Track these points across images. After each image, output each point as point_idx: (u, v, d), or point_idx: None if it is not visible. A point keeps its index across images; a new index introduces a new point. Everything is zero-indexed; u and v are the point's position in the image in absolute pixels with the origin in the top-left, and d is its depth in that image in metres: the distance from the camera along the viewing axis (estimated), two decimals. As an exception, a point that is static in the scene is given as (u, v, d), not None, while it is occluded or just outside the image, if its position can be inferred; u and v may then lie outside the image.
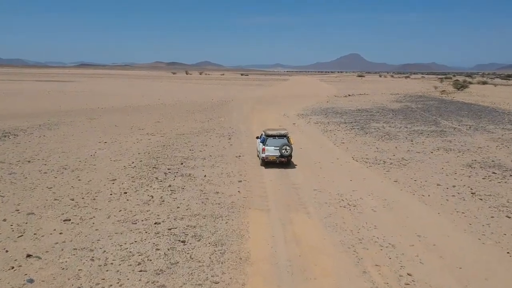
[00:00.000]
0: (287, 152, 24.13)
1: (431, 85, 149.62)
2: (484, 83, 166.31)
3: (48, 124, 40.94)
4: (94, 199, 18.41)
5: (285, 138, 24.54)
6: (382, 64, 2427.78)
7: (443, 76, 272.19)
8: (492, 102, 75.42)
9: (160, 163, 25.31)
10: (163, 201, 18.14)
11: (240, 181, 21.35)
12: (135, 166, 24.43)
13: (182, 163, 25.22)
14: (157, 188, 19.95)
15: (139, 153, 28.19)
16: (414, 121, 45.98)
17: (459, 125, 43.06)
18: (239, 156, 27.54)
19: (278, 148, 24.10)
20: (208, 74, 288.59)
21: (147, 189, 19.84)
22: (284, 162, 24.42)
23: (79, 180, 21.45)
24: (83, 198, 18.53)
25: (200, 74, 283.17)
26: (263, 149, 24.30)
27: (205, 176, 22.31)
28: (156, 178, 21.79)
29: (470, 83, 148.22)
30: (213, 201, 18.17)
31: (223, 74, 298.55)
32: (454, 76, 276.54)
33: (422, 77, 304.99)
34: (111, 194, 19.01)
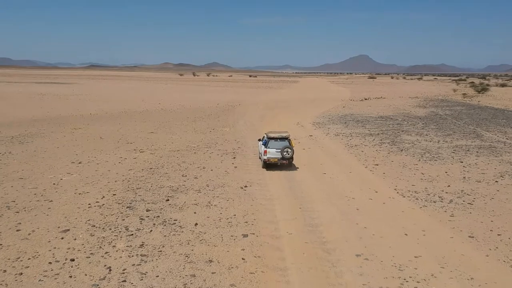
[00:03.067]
0: (288, 154, 24.31)
1: (448, 88, 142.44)
2: (503, 85, 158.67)
3: (22, 136, 34.66)
4: (21, 274, 11.92)
5: (286, 141, 24.80)
6: (391, 65, 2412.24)
7: (457, 78, 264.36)
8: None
9: (139, 198, 18.79)
10: (124, 281, 11.53)
11: (246, 236, 14.75)
12: (103, 204, 17.91)
13: (168, 199, 18.69)
14: (123, 250, 13.42)
15: (116, 181, 21.71)
16: (451, 133, 39.09)
17: (506, 138, 36.15)
18: (245, 186, 20.97)
19: (279, 150, 24.15)
20: (216, 76, 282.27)
21: (107, 252, 13.32)
22: (285, 164, 24.57)
23: (17, 230, 15.05)
24: (5, 271, 12.01)
25: (208, 75, 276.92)
26: (265, 151, 24.25)
27: (196, 224, 15.74)
28: (126, 229, 15.26)
29: (488, 85, 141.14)
30: (202, 283, 11.52)
31: (231, 76, 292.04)
32: (467, 77, 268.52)
33: (435, 78, 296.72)
34: (50, 263, 12.53)
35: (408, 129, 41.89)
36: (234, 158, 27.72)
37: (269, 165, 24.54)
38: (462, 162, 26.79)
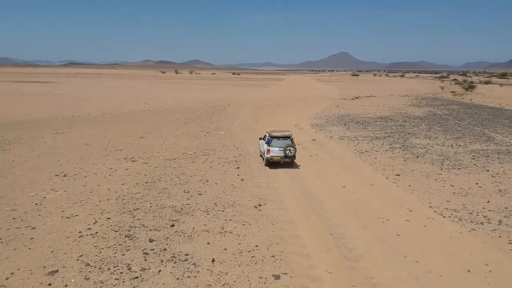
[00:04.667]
0: (291, 153, 24.79)
1: (434, 85, 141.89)
2: (488, 82, 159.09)
3: (-2, 143, 31.27)
4: None
5: (289, 140, 25.16)
6: (372, 62, 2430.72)
7: (438, 75, 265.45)
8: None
9: (138, 223, 15.90)
10: None
11: (278, 277, 12.09)
12: (97, 233, 14.98)
13: (173, 225, 15.84)
14: (128, 303, 10.53)
15: (108, 199, 18.77)
16: (460, 135, 36.97)
17: (519, 141, 34.19)
18: (259, 205, 18.23)
19: (282, 149, 24.62)
20: (199, 73, 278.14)
21: (108, 306, 10.42)
22: (288, 162, 24.95)
23: (-9, 273, 12.00)
24: None
25: (191, 73, 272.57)
26: (268, 150, 24.68)
27: (213, 261, 12.95)
28: (129, 268, 12.40)
29: (472, 82, 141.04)
30: None
31: (214, 73, 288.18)
32: (448, 75, 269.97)
33: (417, 75, 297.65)
34: (35, 326, 9.57)
35: (413, 131, 39.64)
36: (238, 168, 24.96)
37: (271, 163, 24.98)
38: (488, 170, 24.51)
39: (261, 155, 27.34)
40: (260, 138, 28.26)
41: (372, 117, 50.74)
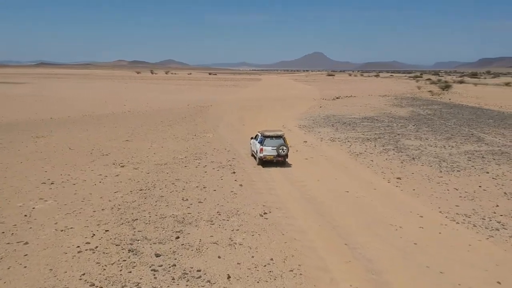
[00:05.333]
0: (283, 152, 25.29)
1: (409, 85, 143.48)
2: (461, 82, 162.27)
3: (-25, 148, 29.59)
4: None
5: (281, 139, 25.68)
6: (346, 62, 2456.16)
7: (412, 75, 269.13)
8: (498, 105, 67.92)
9: (140, 236, 14.88)
10: None
11: (302, 295, 11.18)
12: (97, 247, 13.91)
13: (178, 237, 14.86)
14: (145, 329, 9.56)
15: (103, 209, 17.65)
16: (450, 136, 36.95)
17: (510, 141, 34.28)
18: (264, 213, 17.41)
19: (275, 148, 25.15)
20: (175, 74, 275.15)
21: (123, 333, 9.43)
22: (280, 161, 25.46)
23: (-14, 297, 10.86)
24: None
25: (167, 73, 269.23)
26: (261, 149, 25.18)
27: (228, 277, 12.09)
28: (139, 288, 11.37)
29: (446, 81, 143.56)
30: None
31: (190, 74, 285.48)
32: (421, 74, 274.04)
33: (391, 75, 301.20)
34: None
35: (402, 132, 39.45)
36: (234, 173, 24.08)
37: (265, 162, 25.50)
38: (488, 172, 24.30)
39: (252, 155, 27.82)
40: (252, 138, 28.52)
41: (357, 118, 50.48)
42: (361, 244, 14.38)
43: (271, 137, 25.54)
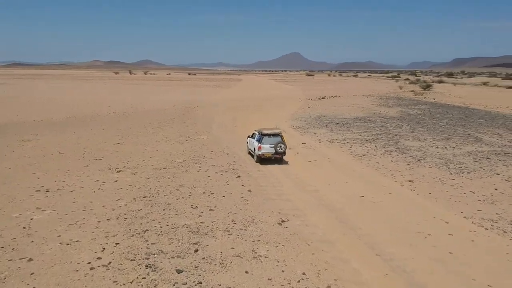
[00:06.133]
0: (281, 149, 26.01)
1: (390, 85, 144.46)
2: (441, 82, 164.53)
3: (-43, 153, 27.80)
4: None
5: (279, 137, 26.38)
6: (322, 63, 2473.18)
7: (389, 75, 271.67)
8: (483, 105, 68.45)
9: (155, 249, 13.71)
10: None
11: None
12: (110, 263, 12.70)
13: (196, 249, 13.74)
14: None
15: (108, 219, 16.39)
16: (447, 136, 36.61)
17: (508, 141, 34.07)
18: (282, 221, 16.41)
19: (273, 145, 25.76)
20: (154, 74, 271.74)
21: None
22: (278, 158, 26.22)
23: (-5, 325, 9.57)
24: None
25: (145, 73, 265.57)
26: (260, 147, 25.76)
27: (266, 299, 10.97)
28: (167, 311, 10.20)
29: (425, 81, 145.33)
30: None
31: (169, 74, 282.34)
32: (398, 74, 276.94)
33: (369, 75, 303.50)
34: None
35: (398, 132, 38.96)
36: (239, 177, 23.01)
37: (263, 160, 26.15)
38: (498, 174, 23.86)
39: (249, 153, 28.54)
40: (249, 136, 29.20)
41: (349, 118, 49.92)
42: (394, 254, 13.51)
43: (269, 135, 26.13)
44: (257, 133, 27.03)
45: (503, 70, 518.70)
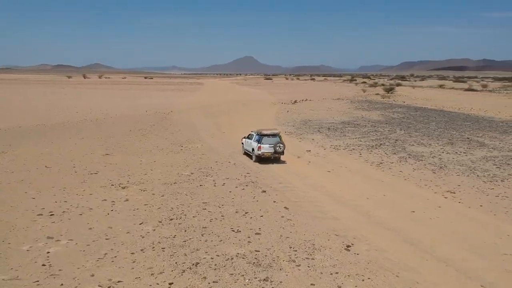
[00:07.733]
0: (280, 149, 26.77)
1: (352, 88, 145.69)
2: (398, 84, 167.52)
3: None
4: None
5: (278, 137, 27.24)
6: (277, 66, 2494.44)
7: (346, 78, 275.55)
8: (453, 107, 69.33)
9: (222, 290, 11.22)
10: None
11: None
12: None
13: (272, 288, 11.36)
14: None
15: (142, 250, 13.87)
16: (449, 141, 35.92)
17: (508, 145, 33.60)
18: (348, 246, 14.33)
19: (272, 145, 26.52)
20: (109, 78, 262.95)
21: None
22: (277, 158, 27.07)
23: None
24: None
25: (100, 77, 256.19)
26: (259, 147, 26.51)
27: None
28: None
29: (383, 84, 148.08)
30: None
31: (125, 78, 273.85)
32: (353, 77, 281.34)
33: (325, 79, 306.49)
34: None
35: (397, 137, 37.95)
36: (264, 191, 20.79)
37: (262, 159, 26.89)
38: (531, 183, 22.67)
39: (245, 153, 29.37)
40: (244, 137, 29.92)
41: (336, 123, 48.65)
42: (495, 284, 11.71)
43: (268, 135, 27.00)
44: (254, 133, 27.81)
45: (450, 73, 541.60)
